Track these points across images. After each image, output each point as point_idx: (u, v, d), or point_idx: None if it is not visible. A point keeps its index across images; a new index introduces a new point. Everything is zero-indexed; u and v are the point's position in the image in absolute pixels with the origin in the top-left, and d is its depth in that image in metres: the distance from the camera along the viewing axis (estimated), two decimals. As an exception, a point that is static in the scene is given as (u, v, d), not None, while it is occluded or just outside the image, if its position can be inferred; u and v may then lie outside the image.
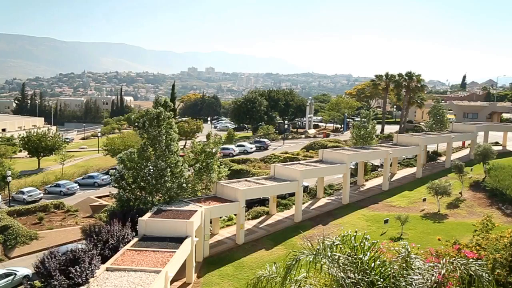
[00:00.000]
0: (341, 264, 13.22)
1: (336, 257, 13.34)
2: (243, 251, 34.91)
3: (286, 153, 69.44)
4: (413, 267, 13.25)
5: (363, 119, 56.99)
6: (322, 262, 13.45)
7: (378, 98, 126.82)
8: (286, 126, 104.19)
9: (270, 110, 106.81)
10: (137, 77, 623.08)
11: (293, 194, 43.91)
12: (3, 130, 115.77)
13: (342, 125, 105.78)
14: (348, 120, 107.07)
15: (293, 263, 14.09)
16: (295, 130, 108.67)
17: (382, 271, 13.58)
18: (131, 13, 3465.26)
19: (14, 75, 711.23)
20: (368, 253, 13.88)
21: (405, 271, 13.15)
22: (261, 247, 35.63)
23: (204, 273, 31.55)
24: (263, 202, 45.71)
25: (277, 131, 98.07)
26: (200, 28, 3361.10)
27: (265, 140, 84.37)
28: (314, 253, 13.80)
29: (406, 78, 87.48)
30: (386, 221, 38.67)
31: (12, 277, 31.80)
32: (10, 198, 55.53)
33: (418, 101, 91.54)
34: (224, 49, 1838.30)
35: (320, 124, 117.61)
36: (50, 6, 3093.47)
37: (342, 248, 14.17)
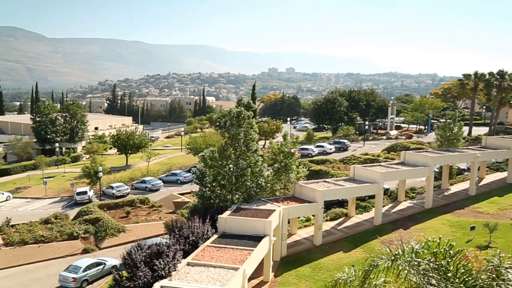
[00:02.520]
0: (422, 271, 12.79)
1: (416, 262, 12.93)
2: (321, 252, 34.71)
3: (366, 154, 68.08)
4: (504, 278, 12.50)
5: (449, 120, 54.55)
6: (401, 267, 13.10)
7: (465, 99, 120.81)
8: (366, 127, 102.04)
9: (350, 110, 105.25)
10: (219, 78, 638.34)
11: (373, 197, 42.98)
12: (96, 128, 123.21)
13: (426, 127, 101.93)
14: (432, 121, 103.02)
15: (372, 268, 13.86)
16: (376, 131, 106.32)
17: (467, 280, 12.96)
18: (214, 15, 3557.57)
19: (106, 76, 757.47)
20: (452, 261, 13.31)
21: (495, 283, 12.43)
22: (339, 249, 35.23)
23: (281, 272, 31.73)
24: (341, 203, 45.14)
25: (357, 132, 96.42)
26: (281, 29, 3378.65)
27: (345, 141, 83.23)
28: (393, 258, 13.48)
29: (498, 77, 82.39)
30: (472, 228, 36.69)
31: (102, 266, 33.89)
32: (101, 192, 59.16)
33: (511, 102, 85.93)
34: (305, 49, 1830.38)
35: (402, 125, 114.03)
36: (139, 11, 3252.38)
37: (424, 254, 13.70)
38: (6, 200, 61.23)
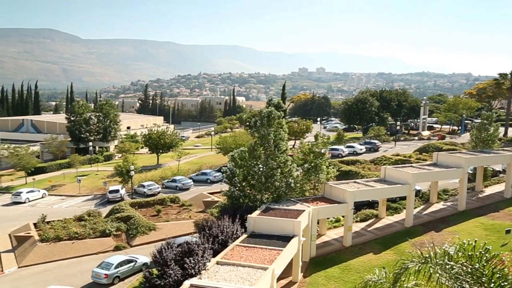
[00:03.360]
0: (454, 274, 12.53)
1: (449, 266, 12.67)
2: (350, 254, 34.42)
3: (398, 155, 67.13)
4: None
5: (484, 121, 53.24)
6: (432, 271, 12.87)
7: (501, 99, 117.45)
8: (398, 127, 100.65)
9: (381, 110, 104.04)
10: (249, 78, 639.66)
11: (404, 198, 42.33)
12: (128, 128, 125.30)
13: (460, 127, 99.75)
14: (466, 121, 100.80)
15: (402, 270, 13.67)
16: (407, 131, 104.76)
17: (503, 285, 12.62)
18: (245, 16, 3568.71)
19: (138, 77, 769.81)
20: (488, 265, 12.99)
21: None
22: (369, 251, 34.87)
23: (310, 273, 31.61)
24: (372, 204, 44.65)
25: (389, 133, 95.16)
26: (311, 29, 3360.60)
27: (376, 141, 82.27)
28: (424, 261, 13.26)
29: (536, 76, 79.94)
30: (508, 231, 35.74)
31: (133, 263, 34.46)
32: (133, 191, 60.16)
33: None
34: (335, 49, 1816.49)
35: (435, 125, 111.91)
36: (171, 12, 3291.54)
37: (456, 257, 13.42)
38: (42, 197, 63.00)
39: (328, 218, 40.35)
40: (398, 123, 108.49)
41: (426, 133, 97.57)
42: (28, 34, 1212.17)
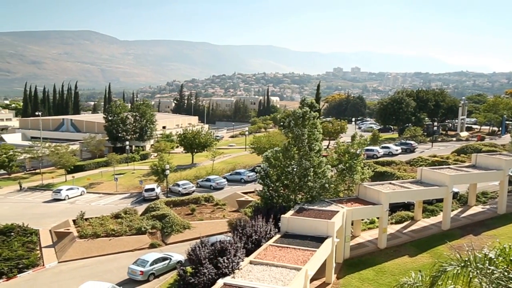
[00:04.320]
0: (495, 279, 12.19)
1: (490, 270, 12.33)
2: (385, 256, 33.92)
3: (435, 156, 65.74)
4: None
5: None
6: (471, 275, 12.55)
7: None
8: (435, 128, 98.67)
9: (418, 111, 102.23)
10: (283, 78, 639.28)
11: (441, 200, 41.43)
12: (164, 127, 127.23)
13: (500, 128, 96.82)
14: (507, 122, 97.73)
15: (440, 273, 13.38)
16: (445, 132, 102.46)
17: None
18: (279, 16, 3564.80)
19: (174, 77, 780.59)
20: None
21: None
22: (404, 253, 34.27)
23: (344, 274, 31.32)
24: (407, 206, 43.87)
25: (425, 133, 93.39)
26: (346, 28, 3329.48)
27: (412, 142, 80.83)
28: (463, 264, 12.95)
29: None
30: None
31: (168, 261, 34.95)
32: (168, 189, 61.03)
33: None
34: (371, 49, 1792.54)
35: (473, 126, 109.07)
36: (206, 13, 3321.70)
37: (498, 261, 13.05)
38: (81, 194, 64.70)
39: (362, 220, 39.90)
40: (435, 123, 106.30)
41: (464, 134, 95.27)
42: (69, 36, 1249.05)
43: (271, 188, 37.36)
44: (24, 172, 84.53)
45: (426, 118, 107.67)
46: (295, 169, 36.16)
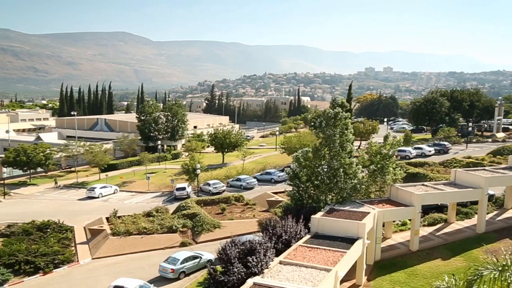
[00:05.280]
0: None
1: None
2: (417, 259, 33.36)
3: (469, 157, 64.26)
4: None
5: None
6: (510, 280, 12.24)
7: None
8: (470, 128, 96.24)
9: (452, 111, 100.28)
10: (314, 78, 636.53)
11: (475, 203, 40.45)
12: (195, 127, 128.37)
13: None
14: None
15: (475, 278, 13.10)
16: (480, 133, 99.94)
17: None
18: (311, 15, 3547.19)
19: (205, 77, 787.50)
20: None
21: None
22: (437, 256, 33.63)
23: (374, 276, 30.96)
24: (440, 208, 43.03)
25: (460, 134, 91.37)
26: (379, 27, 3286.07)
27: (446, 143, 79.20)
28: (500, 269, 12.64)
29: None
30: None
31: (198, 259, 35.25)
32: (198, 188, 61.58)
33: None
34: (404, 48, 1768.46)
35: (511, 127, 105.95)
36: (238, 13, 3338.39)
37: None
38: (114, 193, 65.94)
39: (394, 221, 39.35)
40: (470, 124, 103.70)
41: (501, 135, 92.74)
42: (103, 37, 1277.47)
43: (300, 188, 37.25)
44: (60, 170, 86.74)
45: (461, 119, 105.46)
46: (325, 170, 35.94)
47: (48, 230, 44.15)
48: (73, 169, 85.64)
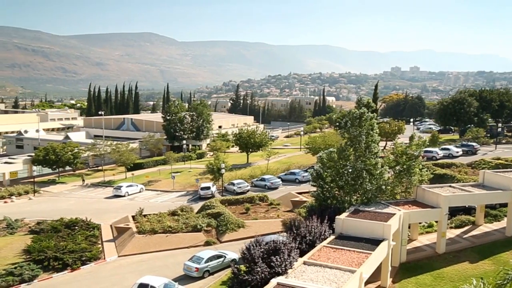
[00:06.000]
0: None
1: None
2: (444, 261, 32.86)
3: (499, 159, 62.86)
4: None
5: None
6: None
7: None
8: (499, 129, 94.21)
9: (481, 111, 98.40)
10: (339, 78, 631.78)
11: (505, 205, 39.59)
12: (220, 127, 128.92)
13: None
14: None
15: (505, 282, 12.86)
16: (510, 134, 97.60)
17: None
18: (336, 15, 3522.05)
19: (231, 77, 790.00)
20: None
21: None
22: (464, 259, 33.05)
23: (400, 279, 30.62)
24: (468, 210, 42.26)
25: (488, 135, 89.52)
26: (406, 27, 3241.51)
27: (474, 144, 77.64)
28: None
29: None
30: None
31: (222, 259, 35.49)
32: (223, 188, 61.87)
33: None
34: (431, 47, 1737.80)
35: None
36: (263, 13, 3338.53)
37: None
38: (140, 191, 66.78)
39: (420, 223, 38.84)
40: (500, 125, 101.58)
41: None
42: (130, 38, 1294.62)
43: (324, 189, 37.08)
44: (87, 169, 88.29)
45: (490, 119, 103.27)
46: (350, 170, 35.70)
47: (76, 227, 45.08)
48: (100, 168, 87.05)
